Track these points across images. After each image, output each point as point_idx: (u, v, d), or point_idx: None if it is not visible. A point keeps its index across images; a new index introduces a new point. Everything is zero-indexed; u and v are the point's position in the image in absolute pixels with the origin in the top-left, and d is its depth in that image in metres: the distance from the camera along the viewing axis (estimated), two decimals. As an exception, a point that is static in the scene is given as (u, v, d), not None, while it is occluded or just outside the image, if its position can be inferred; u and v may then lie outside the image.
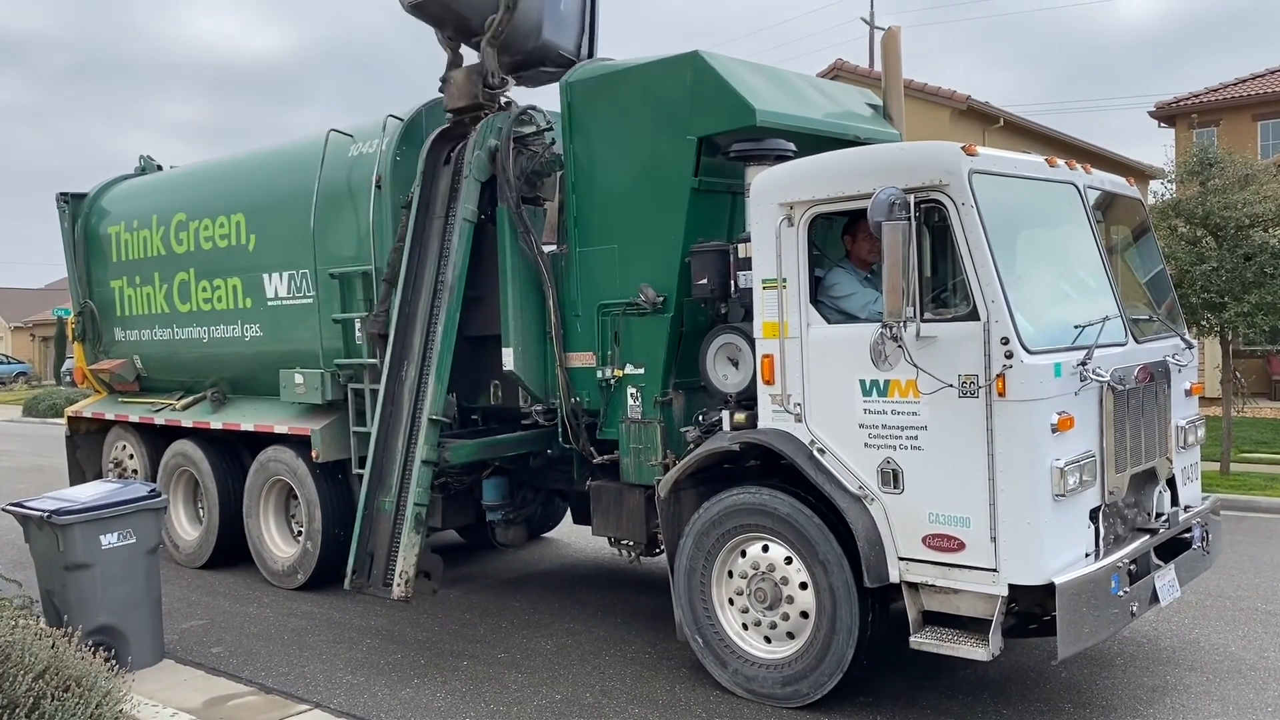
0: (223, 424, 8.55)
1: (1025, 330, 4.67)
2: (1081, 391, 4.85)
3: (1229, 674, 5.74)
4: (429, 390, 6.64)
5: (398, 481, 6.70)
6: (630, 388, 6.26)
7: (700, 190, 5.95)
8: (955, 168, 4.76)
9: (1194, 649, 6.16)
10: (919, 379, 4.80)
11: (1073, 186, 5.49)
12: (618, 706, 5.53)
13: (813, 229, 5.28)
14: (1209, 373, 15.62)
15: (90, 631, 5.72)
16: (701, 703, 5.52)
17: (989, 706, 5.33)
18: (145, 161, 10.29)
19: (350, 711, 5.57)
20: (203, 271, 8.71)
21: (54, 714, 4.33)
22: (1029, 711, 5.26)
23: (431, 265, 6.80)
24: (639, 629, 6.85)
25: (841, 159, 5.28)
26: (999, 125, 22.42)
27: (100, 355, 9.97)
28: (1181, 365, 5.85)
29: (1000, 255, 4.73)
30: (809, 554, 5.18)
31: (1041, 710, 5.27)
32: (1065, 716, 5.20)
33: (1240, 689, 5.52)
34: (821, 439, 5.19)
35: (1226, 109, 22.35)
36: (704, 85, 5.81)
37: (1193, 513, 5.80)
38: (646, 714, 5.41)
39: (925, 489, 4.87)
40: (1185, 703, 5.34)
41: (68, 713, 4.36)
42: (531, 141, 6.77)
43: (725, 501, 5.49)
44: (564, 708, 5.54)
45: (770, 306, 5.33)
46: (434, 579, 6.92)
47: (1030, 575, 4.64)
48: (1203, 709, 5.26)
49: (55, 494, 6.39)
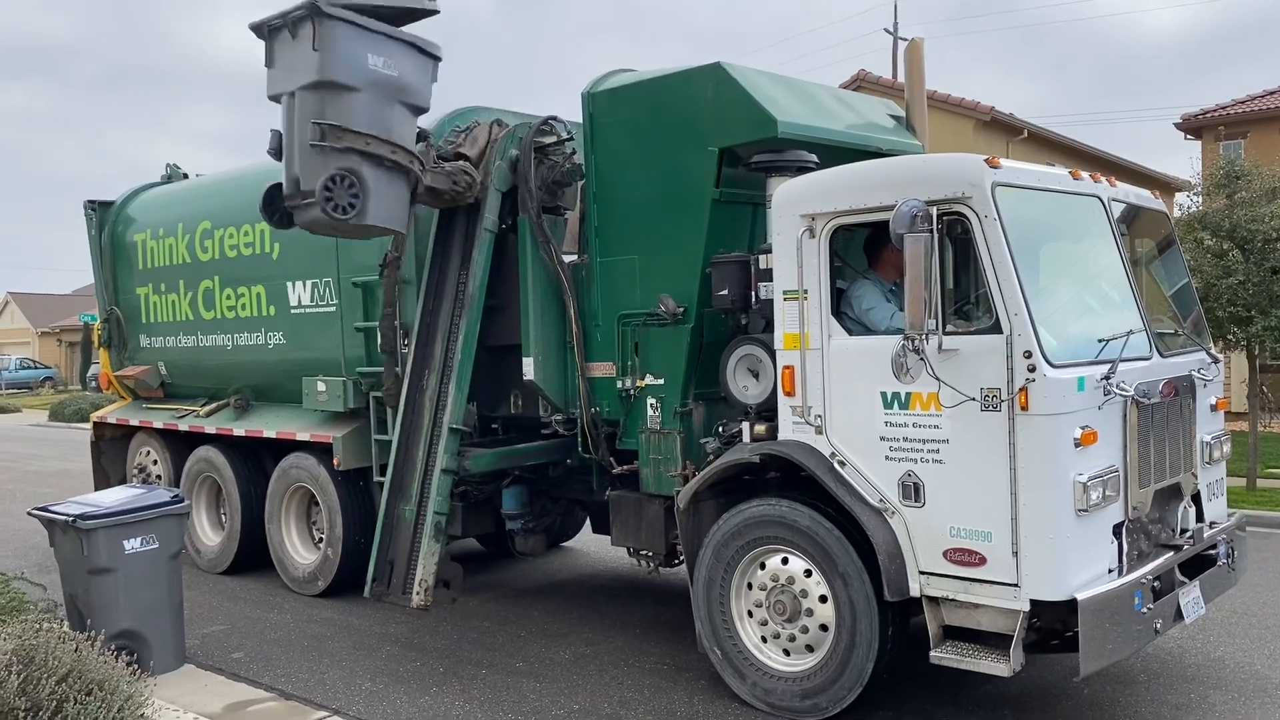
0: (245, 430, 8.61)
1: (1048, 344, 4.64)
2: (1105, 406, 4.81)
3: (1255, 693, 5.67)
4: (449, 399, 6.67)
5: (418, 490, 6.72)
6: (650, 398, 6.26)
7: (721, 201, 5.95)
8: (978, 180, 4.74)
9: (1219, 667, 6.08)
10: (941, 392, 4.77)
11: (1097, 199, 5.45)
12: (636, 718, 5.52)
13: (835, 240, 5.26)
14: (1235, 387, 15.44)
15: (113, 636, 5.75)
16: (720, 715, 5.50)
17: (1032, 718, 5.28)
18: (171, 169, 10.40)
19: (368, 718, 5.59)
20: (227, 279, 8.79)
21: (76, 717, 4.35)
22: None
23: (453, 275, 6.83)
24: (658, 640, 6.84)
25: (863, 170, 5.27)
26: (1023, 137, 22.27)
27: (125, 361, 10.07)
28: (1207, 380, 5.79)
29: (1023, 268, 4.70)
30: (829, 567, 5.16)
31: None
32: (1087, 734, 5.15)
33: (1266, 708, 5.45)
34: (842, 451, 5.17)
35: (1254, 121, 22.11)
36: (726, 96, 5.82)
37: (1218, 529, 5.73)
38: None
39: (946, 502, 4.84)
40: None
41: (90, 716, 4.39)
42: (552, 151, 6.80)
43: (745, 513, 5.48)
44: (582, 718, 5.54)
45: (791, 318, 5.32)
46: (453, 588, 6.93)
47: (1052, 591, 4.60)
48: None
49: (80, 499, 6.43)
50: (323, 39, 5.55)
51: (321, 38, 5.55)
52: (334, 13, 5.59)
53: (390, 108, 5.92)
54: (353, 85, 5.69)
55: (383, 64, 5.81)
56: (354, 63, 5.68)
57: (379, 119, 5.84)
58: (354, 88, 5.70)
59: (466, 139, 6.78)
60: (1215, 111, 22.41)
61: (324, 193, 5.62)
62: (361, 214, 5.77)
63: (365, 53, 5.75)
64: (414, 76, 6.03)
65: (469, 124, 6.94)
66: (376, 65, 5.79)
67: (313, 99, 5.68)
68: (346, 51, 5.65)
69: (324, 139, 5.64)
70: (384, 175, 5.92)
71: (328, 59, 5.60)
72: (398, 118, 5.97)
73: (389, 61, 5.84)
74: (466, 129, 6.88)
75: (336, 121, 5.65)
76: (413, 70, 6.01)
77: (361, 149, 5.74)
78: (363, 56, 5.73)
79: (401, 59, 5.92)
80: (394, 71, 5.88)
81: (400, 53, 5.93)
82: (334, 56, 5.61)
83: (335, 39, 5.60)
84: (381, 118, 5.85)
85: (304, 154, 5.73)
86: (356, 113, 5.73)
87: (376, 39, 5.79)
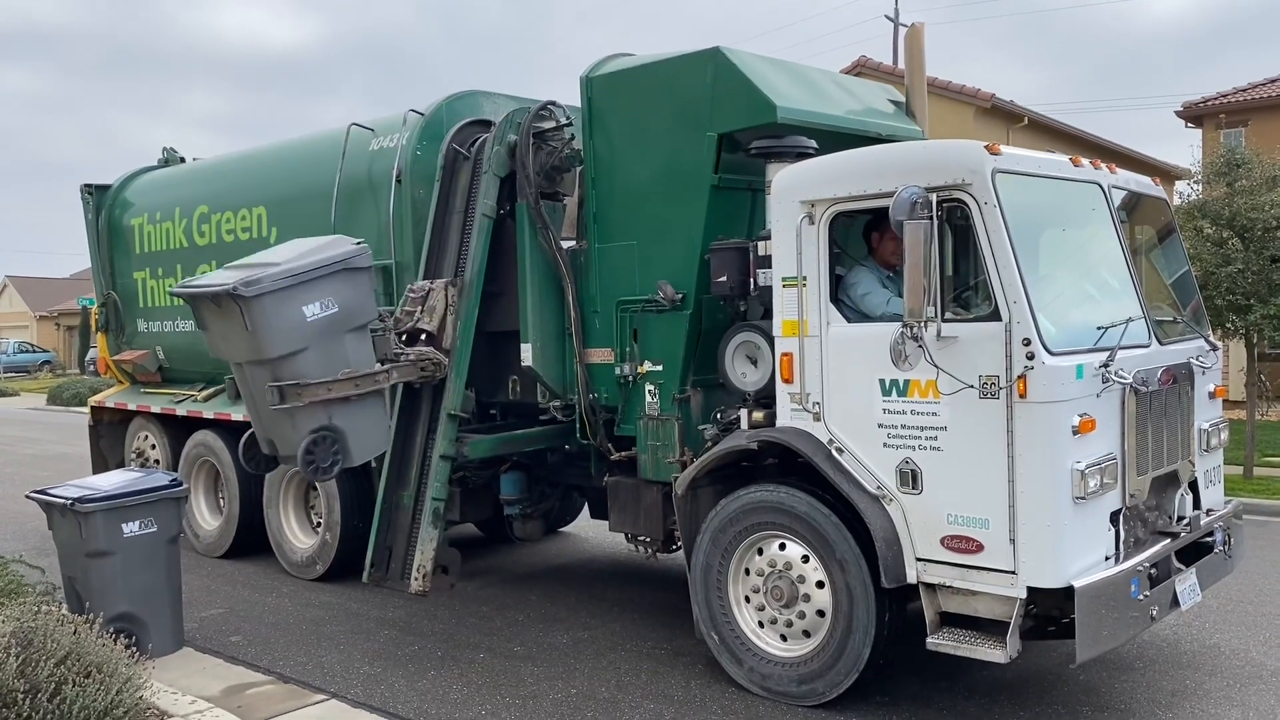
0: (243, 415, 8.57)
1: (1047, 331, 4.63)
2: (1104, 393, 4.81)
3: (1250, 679, 5.69)
4: (448, 385, 6.66)
5: (416, 476, 6.72)
6: (649, 384, 6.25)
7: (720, 187, 5.94)
8: (979, 166, 4.73)
9: (1214, 654, 6.11)
10: (939, 379, 4.77)
11: (1097, 186, 5.44)
12: (633, 702, 5.53)
13: (834, 227, 5.25)
14: (1233, 376, 15.45)
15: (111, 618, 5.76)
16: (717, 699, 5.52)
17: (1006, 709, 5.30)
18: (168, 153, 10.36)
19: (367, 701, 5.60)
20: (224, 264, 8.72)
21: (75, 699, 4.37)
22: (1046, 714, 5.23)
23: (450, 260, 6.81)
24: (655, 625, 6.85)
25: (863, 157, 5.25)
26: (1023, 124, 22.20)
27: (123, 346, 10.06)
28: (1205, 368, 5.79)
29: (1023, 255, 4.69)
30: (826, 553, 5.17)
31: (1059, 713, 5.24)
32: (1090, 716, 5.17)
33: (1261, 694, 5.47)
34: (840, 438, 5.17)
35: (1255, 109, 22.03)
36: (725, 82, 5.79)
37: (1215, 516, 5.74)
38: (662, 710, 5.41)
39: (944, 490, 4.84)
40: (1205, 708, 5.30)
41: (89, 698, 4.41)
42: (551, 137, 6.77)
43: (743, 499, 5.49)
44: (580, 702, 5.55)
45: (790, 305, 5.31)
46: (452, 573, 6.94)
47: (1049, 578, 4.61)
48: (1223, 714, 5.21)
49: (78, 482, 6.43)
50: (253, 320, 5.15)
51: (252, 319, 5.15)
52: (258, 291, 5.14)
53: (339, 341, 5.60)
54: (298, 349, 5.36)
55: (320, 308, 5.43)
56: (292, 327, 5.30)
57: (333, 359, 5.55)
58: (300, 350, 5.36)
59: (423, 309, 6.55)
60: (1216, 99, 22.34)
61: (306, 457, 5.35)
62: (348, 460, 5.55)
63: (300, 307, 5.37)
64: (354, 298, 5.66)
65: (422, 291, 6.61)
66: (315, 314, 5.42)
67: (261, 369, 5.37)
68: (281, 320, 5.25)
69: (284, 400, 5.37)
70: (356, 408, 5.68)
71: (265, 339, 5.22)
72: (350, 345, 5.66)
73: (326, 301, 5.46)
74: (422, 297, 6.58)
75: (292, 380, 5.35)
76: (351, 293, 5.64)
77: (325, 397, 5.47)
78: (298, 314, 5.33)
79: (338, 288, 5.53)
80: (334, 308, 5.52)
81: (334, 284, 5.52)
82: (271, 334, 5.23)
83: (265, 313, 5.19)
84: (335, 356, 5.55)
85: (269, 418, 5.45)
86: (309, 366, 5.43)
87: (307, 286, 5.38)
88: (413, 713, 5.45)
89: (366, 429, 5.74)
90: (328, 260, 5.48)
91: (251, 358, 5.30)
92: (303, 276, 5.34)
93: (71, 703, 4.36)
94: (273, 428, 5.42)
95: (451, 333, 6.51)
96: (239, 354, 5.36)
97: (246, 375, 5.41)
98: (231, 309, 5.15)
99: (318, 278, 5.40)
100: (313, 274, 5.39)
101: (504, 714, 5.42)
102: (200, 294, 5.29)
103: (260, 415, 5.51)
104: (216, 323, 5.35)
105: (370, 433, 5.77)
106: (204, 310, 5.39)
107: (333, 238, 6.05)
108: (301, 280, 5.33)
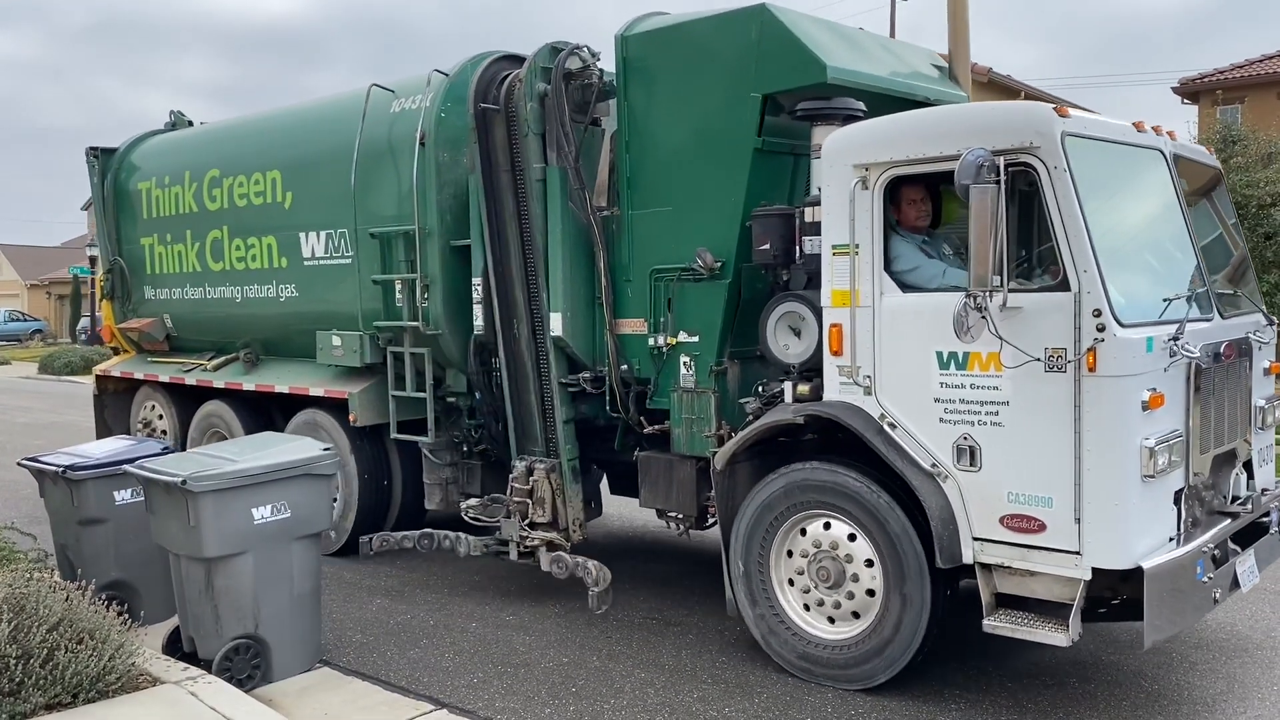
0: (256, 385, 8.37)
1: (1118, 302, 4.43)
2: (1170, 368, 4.62)
3: (1304, 663, 5.54)
4: (550, 355, 6.53)
5: (543, 440, 6.68)
6: (684, 356, 6.04)
7: (763, 150, 5.70)
8: (1048, 129, 4.51)
9: (1273, 637, 5.95)
10: (1003, 352, 4.57)
11: (1159, 153, 5.23)
12: (624, 670, 5.50)
13: (890, 192, 5.02)
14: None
15: (103, 586, 5.65)
16: (707, 668, 5.49)
17: (1075, 691, 5.14)
18: (176, 116, 10.06)
19: (359, 670, 5.55)
20: (236, 229, 8.50)
21: (68, 665, 4.39)
22: (1106, 699, 5.07)
23: (513, 221, 6.60)
24: (646, 594, 6.82)
25: (923, 118, 5.02)
26: (1020, 99, 22.01)
27: (129, 314, 9.79)
28: (1263, 343, 5.61)
29: (1092, 222, 4.48)
30: (878, 532, 4.98)
31: (1119, 698, 5.08)
32: (1143, 703, 5.01)
33: (1318, 679, 5.33)
34: (892, 413, 4.97)
35: (1251, 86, 21.83)
36: (771, 40, 5.54)
37: (1270, 495, 5.58)
38: (653, 678, 5.39)
39: (1005, 467, 4.66)
40: (1263, 694, 5.15)
41: (81, 664, 4.44)
42: (579, 75, 6.48)
43: (788, 476, 5.28)
44: (571, 670, 5.52)
45: (841, 274, 5.09)
46: None
47: (1116, 559, 4.43)
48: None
49: (70, 449, 6.32)
50: (198, 515, 4.92)
51: (196, 513, 4.93)
52: (205, 488, 4.92)
53: (286, 550, 5.27)
54: (238, 552, 5.08)
55: (270, 511, 5.16)
56: (236, 529, 5.03)
57: (274, 570, 5.22)
58: (240, 553, 5.09)
59: (533, 501, 6.62)
60: (1213, 76, 22.15)
61: (223, 663, 5.05)
62: (268, 675, 5.21)
63: (248, 508, 5.10)
64: (309, 504, 5.36)
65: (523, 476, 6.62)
66: (264, 518, 5.14)
67: (197, 565, 5.09)
68: (225, 522, 4.99)
69: (217, 607, 5.09)
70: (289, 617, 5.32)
71: (207, 537, 4.96)
72: (296, 554, 5.33)
73: (279, 504, 5.19)
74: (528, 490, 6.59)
75: (224, 584, 5.07)
76: (305, 499, 5.33)
77: (256, 620, 5.17)
78: (245, 515, 5.07)
79: (292, 492, 5.25)
80: (285, 513, 5.23)
81: (289, 488, 5.25)
82: (213, 533, 4.97)
83: (207, 511, 4.94)
84: (277, 566, 5.22)
85: (194, 615, 5.18)
86: (244, 577, 5.12)
87: (260, 488, 5.13)
88: (404, 681, 5.41)
89: (295, 641, 5.38)
90: (288, 464, 5.26)
91: (189, 553, 5.10)
92: (259, 478, 5.13)
93: (64, 668, 4.38)
94: (196, 623, 5.21)
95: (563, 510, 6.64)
96: (178, 546, 5.18)
97: (181, 567, 5.21)
98: (179, 499, 5.00)
99: (274, 480, 5.19)
100: (269, 476, 5.17)
101: (495, 683, 5.37)
102: (154, 480, 5.16)
103: (185, 607, 5.28)
104: (163, 508, 5.20)
105: (300, 645, 5.42)
106: (155, 494, 5.26)
107: (299, 440, 5.85)
108: (257, 481, 5.12)
